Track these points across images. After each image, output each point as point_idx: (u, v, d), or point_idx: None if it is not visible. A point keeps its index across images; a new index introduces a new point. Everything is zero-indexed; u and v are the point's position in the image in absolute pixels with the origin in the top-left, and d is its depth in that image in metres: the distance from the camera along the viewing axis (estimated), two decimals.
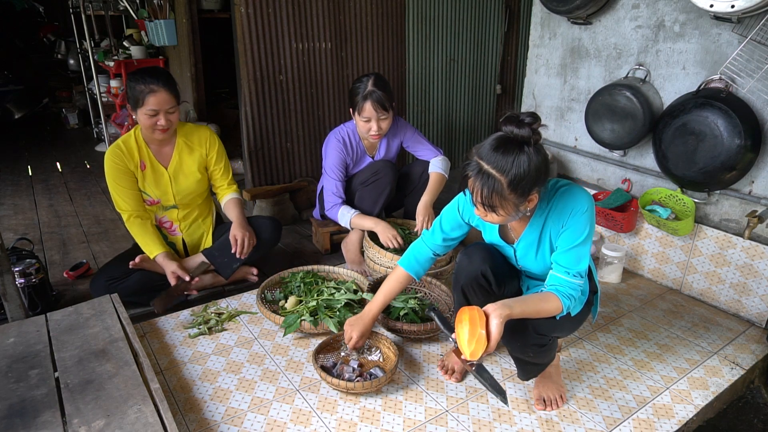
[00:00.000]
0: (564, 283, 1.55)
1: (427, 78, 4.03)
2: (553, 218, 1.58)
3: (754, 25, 2.06)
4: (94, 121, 5.77)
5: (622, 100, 2.50)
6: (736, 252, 2.36)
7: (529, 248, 1.67)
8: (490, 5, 4.16)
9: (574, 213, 1.53)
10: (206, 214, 2.61)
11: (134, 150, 2.34)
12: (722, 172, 2.18)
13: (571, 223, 1.54)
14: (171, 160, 2.41)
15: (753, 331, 2.32)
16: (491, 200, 1.43)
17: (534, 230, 1.63)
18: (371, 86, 2.44)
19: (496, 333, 1.44)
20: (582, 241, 1.54)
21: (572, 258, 1.55)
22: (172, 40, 4.02)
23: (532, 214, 1.60)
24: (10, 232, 3.23)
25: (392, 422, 1.74)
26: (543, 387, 1.85)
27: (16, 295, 1.97)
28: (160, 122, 2.25)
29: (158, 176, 2.39)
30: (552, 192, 1.58)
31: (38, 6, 7.07)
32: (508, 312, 1.47)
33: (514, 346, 1.74)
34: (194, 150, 2.44)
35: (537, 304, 1.54)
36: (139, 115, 2.24)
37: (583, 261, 1.55)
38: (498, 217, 1.49)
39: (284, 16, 3.21)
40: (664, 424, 1.77)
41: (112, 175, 2.30)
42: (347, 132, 2.65)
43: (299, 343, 2.15)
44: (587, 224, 1.53)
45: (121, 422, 1.47)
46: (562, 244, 1.56)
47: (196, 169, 2.46)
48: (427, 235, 1.87)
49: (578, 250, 1.54)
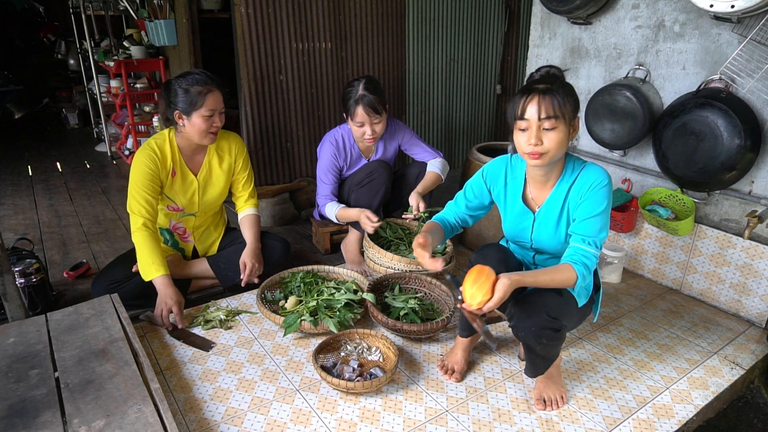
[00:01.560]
0: (579, 251, 1.60)
1: (427, 78, 4.03)
2: (575, 190, 1.65)
3: (754, 25, 2.07)
4: (94, 121, 5.77)
5: (622, 100, 2.50)
6: (736, 252, 2.37)
7: (549, 217, 1.71)
8: (490, 5, 4.16)
9: (593, 187, 1.61)
10: (218, 222, 2.59)
11: (168, 156, 2.28)
12: (722, 172, 2.18)
13: (590, 195, 1.61)
14: (201, 168, 2.37)
15: (753, 331, 2.32)
16: (558, 109, 1.52)
17: (557, 198, 1.69)
18: (362, 90, 2.41)
19: (501, 291, 1.49)
20: (601, 211, 1.60)
21: (589, 226, 1.61)
22: (172, 40, 4.02)
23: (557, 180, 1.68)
24: (10, 232, 3.23)
25: (392, 422, 1.74)
26: (544, 387, 1.85)
27: (16, 295, 1.97)
28: (216, 123, 2.21)
29: (187, 184, 2.35)
30: (579, 164, 1.67)
31: (38, 6, 7.07)
32: (518, 278, 1.54)
33: (528, 331, 1.68)
34: (224, 159, 2.41)
35: (550, 273, 1.59)
36: (194, 118, 2.17)
37: (603, 231, 1.61)
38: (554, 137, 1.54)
39: (284, 16, 3.21)
40: (664, 424, 1.77)
41: (139, 177, 2.21)
42: (342, 135, 2.63)
43: (299, 343, 2.15)
44: (605, 198, 1.61)
45: (121, 422, 1.47)
46: (580, 214, 1.63)
47: (224, 179, 2.43)
48: (450, 206, 1.93)
49: (596, 220, 1.60)
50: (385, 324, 2.11)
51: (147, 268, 2.16)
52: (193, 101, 2.14)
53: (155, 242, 2.21)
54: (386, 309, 2.26)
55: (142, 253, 2.18)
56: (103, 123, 5.00)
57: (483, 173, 1.86)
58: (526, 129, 1.56)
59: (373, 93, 2.41)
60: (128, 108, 4.36)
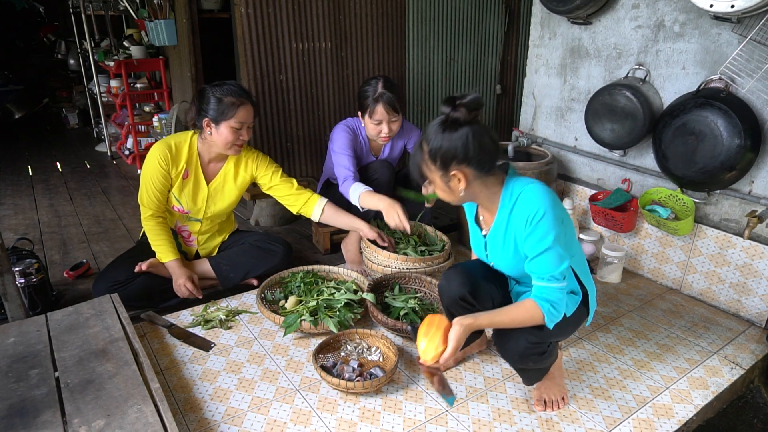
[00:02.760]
0: (540, 289, 1.52)
1: (427, 78, 4.04)
2: (516, 219, 1.54)
3: (754, 25, 2.06)
4: (94, 121, 5.77)
5: (622, 100, 2.50)
6: (736, 252, 2.37)
7: (497, 242, 1.65)
8: (490, 5, 4.16)
9: (531, 222, 1.48)
10: (224, 228, 2.59)
11: (183, 156, 2.29)
12: (722, 171, 2.18)
13: (532, 231, 1.49)
14: (216, 178, 2.39)
15: (753, 330, 2.32)
16: (420, 168, 1.55)
17: (500, 224, 1.60)
18: (381, 88, 2.43)
19: (454, 340, 1.45)
20: (548, 246, 1.47)
21: (542, 264, 1.49)
22: (172, 40, 4.02)
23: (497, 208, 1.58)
24: (10, 232, 3.23)
25: (392, 422, 1.74)
26: (544, 388, 1.84)
27: (16, 295, 1.97)
28: (243, 137, 2.22)
29: (197, 190, 2.36)
30: (518, 189, 1.54)
31: (38, 6, 7.08)
32: (470, 321, 1.48)
33: (513, 357, 1.69)
34: (239, 174, 2.41)
35: (510, 312, 1.52)
36: (222, 128, 2.19)
37: (558, 263, 1.48)
38: (432, 187, 1.57)
39: (284, 16, 3.21)
40: (664, 424, 1.77)
41: (150, 171, 2.25)
42: (355, 125, 2.65)
43: (299, 343, 2.15)
44: (551, 228, 1.47)
45: (121, 422, 1.47)
46: (529, 252, 1.52)
47: (236, 193, 2.43)
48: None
49: (547, 255, 1.48)
50: (385, 324, 2.11)
51: (160, 251, 2.31)
52: (224, 111, 2.16)
53: (165, 230, 2.34)
54: (386, 309, 2.26)
55: (153, 239, 2.32)
56: (103, 123, 5.00)
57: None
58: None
59: (392, 91, 2.43)
60: (128, 108, 4.36)
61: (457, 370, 2.00)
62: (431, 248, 2.53)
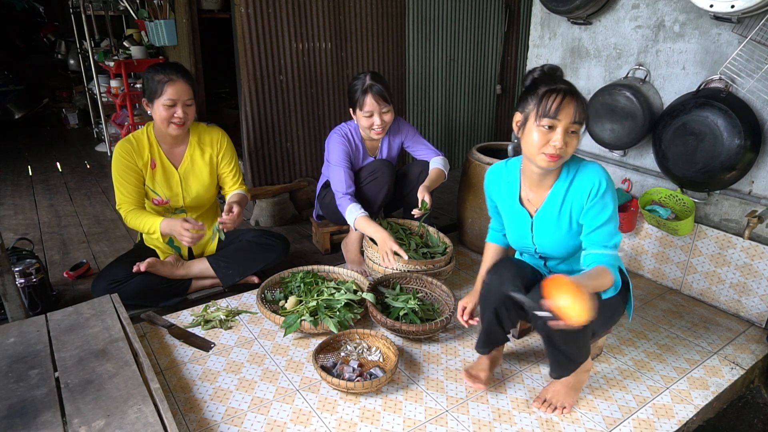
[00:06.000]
0: (604, 256, 1.58)
1: (427, 78, 4.04)
2: (574, 191, 1.62)
3: (754, 25, 2.07)
4: (94, 121, 5.77)
5: (622, 100, 2.50)
6: (736, 252, 2.37)
7: (547, 220, 1.68)
8: (490, 5, 4.16)
9: (595, 195, 1.57)
10: (213, 221, 2.59)
11: (145, 147, 2.32)
12: (722, 172, 2.18)
13: (594, 203, 1.58)
14: (182, 161, 2.40)
15: (753, 331, 2.32)
16: (584, 114, 1.51)
17: (555, 200, 1.65)
18: (369, 80, 2.44)
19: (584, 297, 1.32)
20: (608, 217, 1.58)
21: (604, 233, 1.58)
22: (172, 40, 4.02)
23: (554, 181, 1.65)
24: (10, 232, 3.23)
25: (392, 422, 1.74)
26: (556, 391, 1.81)
27: (16, 295, 1.97)
28: (177, 114, 2.23)
29: (168, 176, 2.38)
30: (575, 163, 1.63)
31: (38, 6, 7.08)
32: (578, 281, 1.44)
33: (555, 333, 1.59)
34: (205, 151, 2.43)
35: (597, 280, 1.53)
36: (156, 106, 2.22)
37: (616, 235, 1.60)
38: (575, 142, 1.53)
39: (284, 16, 3.21)
40: (664, 424, 1.77)
41: (118, 169, 2.28)
42: (349, 130, 2.64)
43: (299, 343, 2.15)
44: (611, 201, 1.58)
45: (121, 422, 1.47)
46: (589, 223, 1.60)
47: (207, 172, 2.44)
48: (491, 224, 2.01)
49: (609, 225, 1.58)
50: (384, 324, 2.11)
51: (150, 225, 2.26)
52: (154, 90, 2.20)
53: (145, 211, 2.34)
54: (386, 309, 2.26)
55: (139, 222, 2.28)
56: (103, 123, 5.00)
57: (485, 186, 1.86)
58: (552, 128, 1.50)
59: (380, 83, 2.44)
60: (128, 108, 4.37)
61: (457, 370, 2.00)
62: (433, 250, 2.53)
